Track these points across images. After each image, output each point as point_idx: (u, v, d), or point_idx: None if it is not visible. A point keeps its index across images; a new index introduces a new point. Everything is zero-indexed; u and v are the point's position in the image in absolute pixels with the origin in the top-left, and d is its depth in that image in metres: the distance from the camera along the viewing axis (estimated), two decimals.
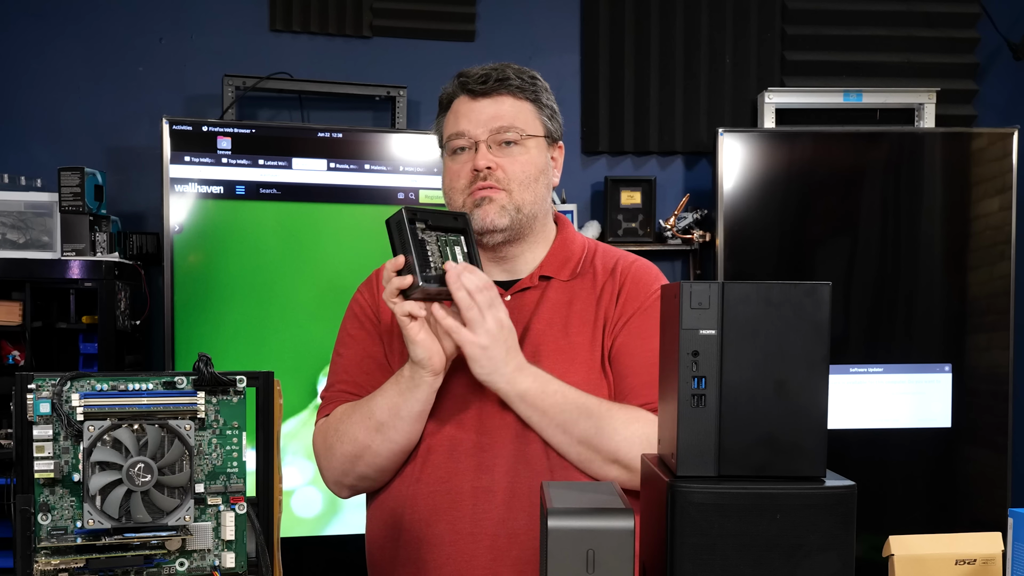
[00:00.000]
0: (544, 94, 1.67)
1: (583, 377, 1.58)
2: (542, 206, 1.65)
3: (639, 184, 3.41)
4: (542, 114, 1.66)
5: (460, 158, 1.63)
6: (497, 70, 1.63)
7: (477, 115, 1.61)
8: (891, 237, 3.26)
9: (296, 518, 2.90)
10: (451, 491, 1.57)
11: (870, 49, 3.53)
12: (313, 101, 3.34)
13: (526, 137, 1.62)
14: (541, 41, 3.46)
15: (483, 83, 1.62)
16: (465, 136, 1.61)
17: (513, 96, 1.63)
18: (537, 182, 1.63)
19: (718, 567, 1.02)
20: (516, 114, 1.62)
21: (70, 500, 1.09)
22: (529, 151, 1.62)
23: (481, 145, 1.60)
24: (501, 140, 1.61)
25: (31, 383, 1.08)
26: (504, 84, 1.62)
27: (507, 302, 1.62)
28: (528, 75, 1.66)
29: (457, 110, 1.64)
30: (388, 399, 1.55)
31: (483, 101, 1.62)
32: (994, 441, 3.24)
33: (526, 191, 1.61)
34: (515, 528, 1.55)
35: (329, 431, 1.64)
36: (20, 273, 2.80)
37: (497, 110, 1.62)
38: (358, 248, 2.96)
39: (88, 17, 3.25)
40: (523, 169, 1.61)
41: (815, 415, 1.05)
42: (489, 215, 1.59)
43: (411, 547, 1.60)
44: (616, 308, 1.62)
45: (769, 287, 1.04)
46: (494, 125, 1.61)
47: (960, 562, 1.46)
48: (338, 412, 1.64)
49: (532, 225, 1.65)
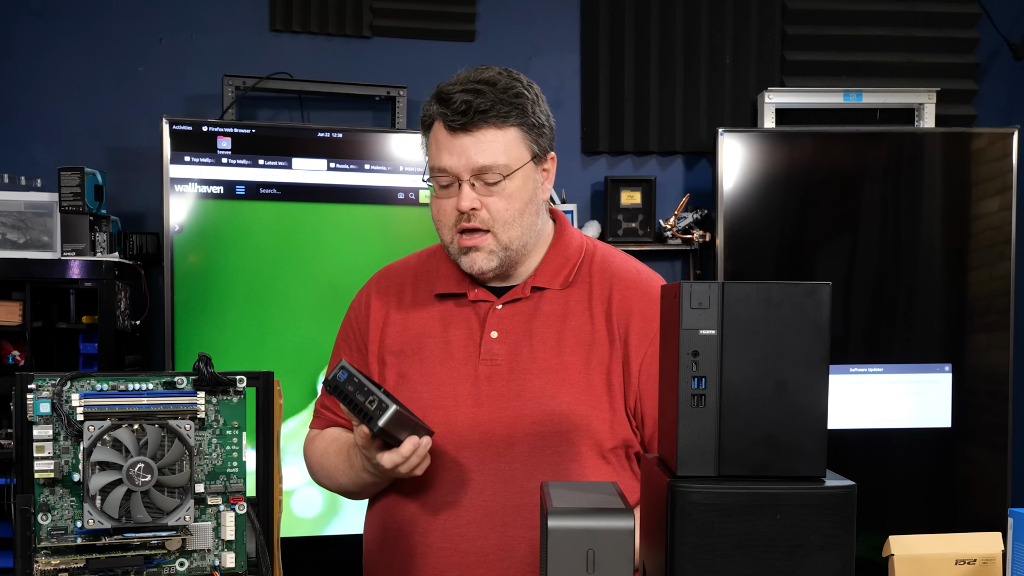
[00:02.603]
0: (532, 109, 1.56)
1: (573, 398, 1.56)
2: (531, 232, 1.60)
3: (639, 184, 3.40)
4: (529, 136, 1.56)
5: (445, 192, 1.57)
6: (477, 94, 1.51)
7: (458, 153, 1.53)
8: (891, 237, 3.26)
9: (296, 518, 2.90)
10: (428, 504, 1.58)
11: (870, 49, 3.53)
12: (313, 101, 3.34)
13: (510, 174, 1.54)
14: (541, 41, 3.46)
15: (463, 115, 1.51)
16: (448, 173, 1.54)
17: (496, 127, 1.52)
18: (523, 215, 1.57)
19: (718, 567, 1.02)
20: (498, 149, 1.53)
21: (70, 500, 1.09)
22: (514, 184, 1.55)
23: (464, 184, 1.53)
24: (483, 180, 1.53)
25: (31, 383, 1.08)
26: (484, 116, 1.51)
27: (498, 311, 1.61)
28: (512, 93, 1.54)
29: (438, 140, 1.55)
30: (351, 477, 1.63)
31: (463, 137, 1.52)
32: (994, 441, 3.24)
33: (512, 228, 1.56)
34: (486, 547, 1.55)
35: (313, 456, 1.73)
36: (20, 273, 2.80)
37: (478, 147, 1.52)
38: (358, 248, 2.96)
39: (88, 17, 3.25)
40: (507, 207, 1.55)
41: (815, 415, 1.05)
42: (477, 263, 1.57)
43: (393, 555, 1.61)
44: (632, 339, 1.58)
45: (769, 287, 1.04)
46: (475, 164, 1.52)
47: (960, 562, 1.46)
48: (323, 443, 1.70)
49: (524, 251, 1.61)
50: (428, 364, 1.61)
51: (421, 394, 1.58)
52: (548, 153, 1.62)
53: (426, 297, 1.66)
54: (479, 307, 1.63)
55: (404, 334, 1.65)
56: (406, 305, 1.67)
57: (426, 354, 1.62)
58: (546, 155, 1.61)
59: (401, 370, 1.63)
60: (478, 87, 1.53)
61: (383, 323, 1.67)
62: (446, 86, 1.56)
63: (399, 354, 1.64)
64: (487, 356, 1.59)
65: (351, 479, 1.62)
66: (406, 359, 1.63)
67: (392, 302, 1.68)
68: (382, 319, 1.67)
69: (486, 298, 1.63)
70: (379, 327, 1.67)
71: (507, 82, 1.55)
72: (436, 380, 1.60)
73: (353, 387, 1.40)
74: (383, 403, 1.39)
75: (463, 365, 1.59)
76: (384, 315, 1.67)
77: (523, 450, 1.55)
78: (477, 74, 1.56)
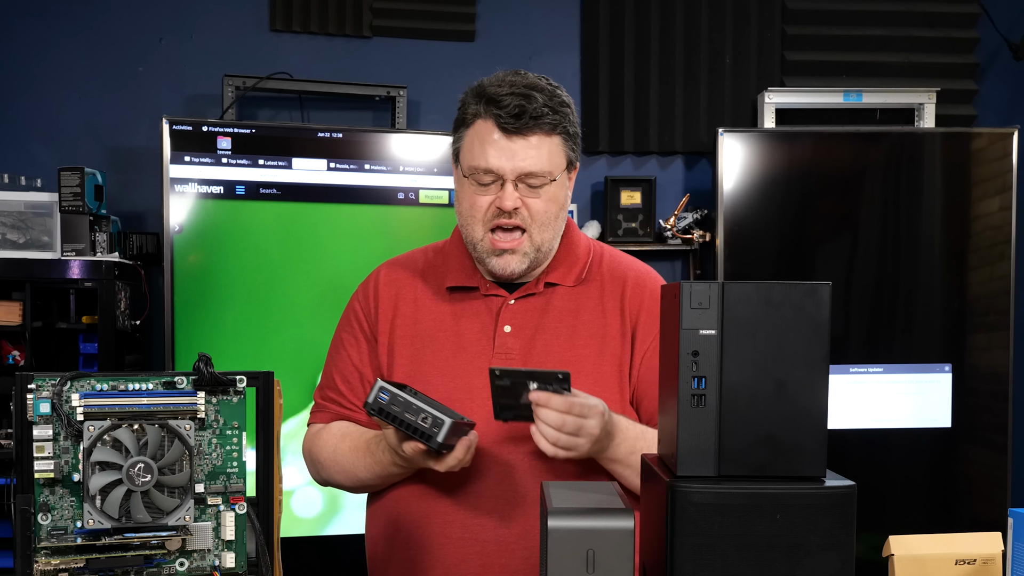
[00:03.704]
0: (572, 118, 1.61)
1: (587, 389, 1.56)
2: (559, 236, 1.65)
3: (639, 184, 3.40)
4: (569, 144, 1.61)
5: (483, 190, 1.58)
6: (530, 100, 1.54)
7: (509, 155, 1.55)
8: (891, 237, 3.25)
9: (296, 518, 2.90)
10: (444, 495, 1.58)
11: (870, 49, 3.53)
12: (313, 101, 3.34)
13: (553, 179, 1.58)
14: (541, 41, 3.46)
15: (517, 118, 1.54)
16: (493, 173, 1.56)
17: (546, 134, 1.57)
18: (557, 219, 1.61)
19: (718, 567, 1.02)
20: (547, 155, 1.57)
21: (70, 500, 1.09)
22: (554, 188, 1.59)
23: (508, 184, 1.56)
24: (527, 183, 1.57)
25: (31, 383, 1.08)
26: (538, 122, 1.55)
27: (511, 306, 1.63)
28: (559, 101, 1.58)
29: (484, 139, 1.57)
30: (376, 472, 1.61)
31: (516, 139, 1.55)
32: (994, 441, 3.24)
33: (547, 229, 1.60)
34: (506, 536, 1.56)
35: (323, 452, 1.68)
36: (20, 273, 2.80)
37: (528, 152, 1.55)
38: (358, 248, 2.96)
39: (88, 17, 3.25)
40: (546, 208, 1.59)
41: (815, 415, 1.05)
42: (510, 265, 1.60)
43: (405, 548, 1.62)
44: (637, 338, 1.62)
45: (769, 287, 1.04)
46: (524, 168, 1.55)
47: (960, 562, 1.46)
48: (332, 438, 1.67)
49: (549, 255, 1.65)
50: (441, 357, 1.62)
51: (436, 387, 1.59)
52: (577, 162, 1.66)
53: (436, 290, 1.67)
54: (491, 301, 1.64)
55: (415, 326, 1.65)
56: (416, 297, 1.68)
57: (438, 347, 1.63)
58: (575, 164, 1.66)
59: (413, 362, 1.63)
60: (528, 92, 1.56)
61: (393, 314, 1.67)
62: (492, 87, 1.57)
63: (410, 346, 1.64)
64: (501, 350, 1.61)
65: (375, 474, 1.61)
66: (417, 351, 1.64)
67: (401, 293, 1.69)
68: (392, 310, 1.67)
69: (498, 293, 1.65)
70: (389, 318, 1.67)
71: (551, 89, 1.59)
72: (450, 373, 1.61)
73: (399, 407, 1.38)
74: (437, 418, 1.38)
75: (476, 358, 1.60)
76: (394, 306, 1.68)
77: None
78: (521, 79, 1.59)
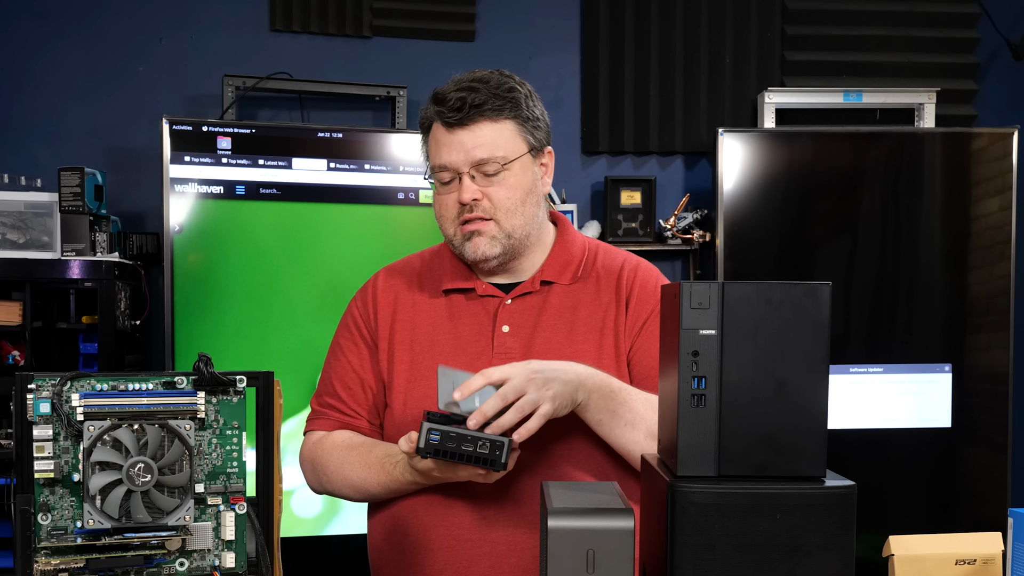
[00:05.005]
0: (526, 103, 1.61)
1: None
2: (534, 222, 1.64)
3: (639, 184, 3.40)
4: (525, 128, 1.61)
5: (446, 188, 1.62)
6: (472, 91, 1.57)
7: (456, 147, 1.58)
8: (891, 237, 3.25)
9: (296, 518, 2.90)
10: (451, 498, 1.58)
11: (870, 49, 3.53)
12: (313, 101, 3.34)
13: (508, 163, 1.59)
14: (541, 41, 3.46)
15: (458, 111, 1.56)
16: (448, 169, 1.59)
17: (491, 120, 1.58)
18: (525, 204, 1.61)
19: (718, 567, 1.02)
20: (495, 141, 1.58)
21: (70, 500, 1.09)
22: (514, 174, 1.59)
23: (464, 177, 1.58)
24: (483, 171, 1.58)
25: (31, 383, 1.08)
26: (479, 110, 1.57)
27: (508, 306, 1.64)
28: (505, 88, 1.59)
29: (437, 139, 1.61)
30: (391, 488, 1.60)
31: (460, 132, 1.57)
32: (994, 441, 3.24)
33: (514, 216, 1.60)
34: (515, 536, 1.56)
35: (329, 464, 1.67)
36: (20, 273, 2.80)
37: (475, 140, 1.57)
38: (358, 248, 2.96)
39: (88, 17, 3.25)
40: (508, 195, 1.59)
41: (815, 415, 1.05)
42: (480, 247, 1.60)
43: (412, 552, 1.61)
44: (628, 316, 1.63)
45: (769, 287, 1.04)
46: (474, 157, 1.57)
47: (960, 562, 1.46)
48: (338, 450, 1.66)
49: (526, 242, 1.65)
50: (441, 359, 1.62)
51: (436, 389, 1.59)
52: (545, 147, 1.67)
53: (433, 293, 1.68)
54: (487, 302, 1.65)
55: (414, 330, 1.66)
56: (413, 301, 1.69)
57: (438, 349, 1.64)
58: (543, 149, 1.66)
59: (413, 365, 1.64)
60: (472, 85, 1.59)
61: (392, 319, 1.68)
62: (441, 88, 1.62)
63: (410, 350, 1.65)
64: (500, 350, 1.61)
65: (389, 490, 1.61)
66: (417, 355, 1.65)
67: (399, 298, 1.70)
68: (390, 315, 1.68)
69: (494, 293, 1.65)
70: (388, 323, 1.68)
71: (499, 79, 1.61)
72: None
73: (454, 442, 1.38)
74: (496, 442, 1.38)
75: (476, 359, 1.61)
76: (392, 311, 1.69)
77: (543, 437, 1.56)
78: (470, 75, 1.62)
